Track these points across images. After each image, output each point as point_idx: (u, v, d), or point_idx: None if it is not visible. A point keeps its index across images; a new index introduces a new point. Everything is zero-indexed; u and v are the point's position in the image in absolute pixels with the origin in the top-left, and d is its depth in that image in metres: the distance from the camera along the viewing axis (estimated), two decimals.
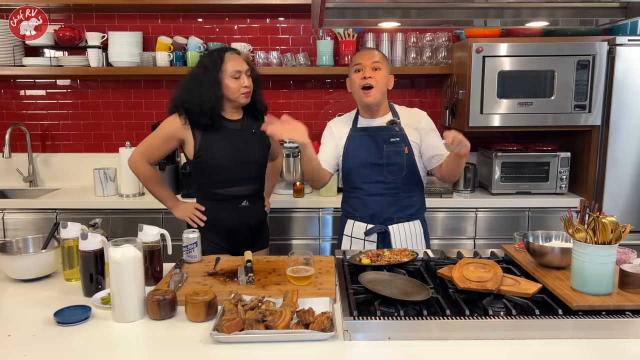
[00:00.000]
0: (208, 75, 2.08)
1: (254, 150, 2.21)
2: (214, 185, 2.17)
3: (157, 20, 3.37)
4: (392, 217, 2.12)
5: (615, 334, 1.32)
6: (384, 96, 2.12)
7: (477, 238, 2.99)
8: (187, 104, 2.10)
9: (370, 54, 2.10)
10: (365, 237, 2.13)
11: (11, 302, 1.60)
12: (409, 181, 2.13)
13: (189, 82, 2.14)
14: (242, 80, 2.09)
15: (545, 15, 1.75)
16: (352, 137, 2.15)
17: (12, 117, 3.44)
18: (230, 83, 2.09)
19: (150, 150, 2.19)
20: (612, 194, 2.90)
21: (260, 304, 1.40)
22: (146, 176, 2.22)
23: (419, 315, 1.35)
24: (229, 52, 2.12)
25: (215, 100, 2.08)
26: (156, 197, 2.29)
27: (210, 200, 2.20)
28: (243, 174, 2.18)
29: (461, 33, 3.22)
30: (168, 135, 2.15)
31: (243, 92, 2.10)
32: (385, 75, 2.10)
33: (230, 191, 2.17)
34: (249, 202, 2.22)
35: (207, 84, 2.08)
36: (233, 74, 2.08)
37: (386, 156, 2.09)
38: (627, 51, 2.81)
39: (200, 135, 2.12)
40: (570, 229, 1.46)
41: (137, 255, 1.46)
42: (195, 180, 2.24)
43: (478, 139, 3.43)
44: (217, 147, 2.13)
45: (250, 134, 2.21)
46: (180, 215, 2.23)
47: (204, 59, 2.15)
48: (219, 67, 2.08)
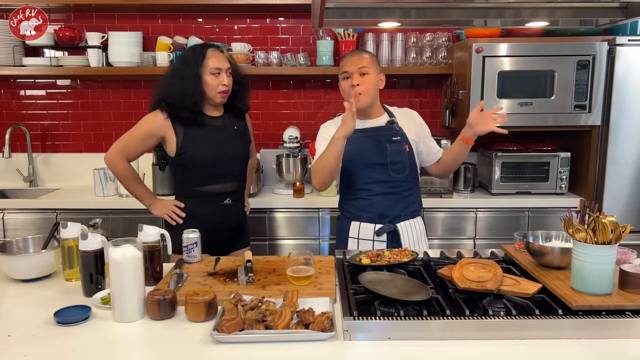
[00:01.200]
0: (189, 70, 2.07)
1: (237, 146, 2.21)
2: (195, 182, 2.15)
3: (157, 20, 3.37)
4: (399, 215, 2.13)
5: (615, 334, 1.32)
6: (375, 98, 2.12)
7: (477, 238, 2.99)
8: (168, 99, 2.08)
9: (357, 59, 2.07)
10: (376, 237, 2.13)
11: (11, 302, 1.60)
12: (410, 178, 2.15)
13: (170, 77, 2.12)
14: (221, 78, 2.08)
15: (545, 15, 1.75)
16: (353, 139, 2.13)
17: (12, 117, 3.45)
18: (209, 79, 2.07)
19: (128, 147, 2.15)
20: (612, 194, 2.90)
21: (260, 304, 1.40)
22: (124, 174, 2.18)
23: (419, 315, 1.35)
24: (211, 49, 2.10)
25: (198, 95, 2.07)
26: (134, 196, 2.25)
27: (192, 197, 2.17)
28: (226, 171, 2.17)
29: (461, 33, 3.22)
30: (148, 132, 2.12)
31: (220, 90, 2.08)
32: (374, 78, 2.08)
33: (212, 188, 2.15)
34: (232, 199, 2.20)
35: (189, 79, 2.06)
36: (212, 70, 2.06)
37: (390, 155, 2.10)
38: (627, 51, 2.81)
39: (182, 132, 2.10)
40: (570, 229, 1.46)
41: (137, 255, 1.46)
42: (176, 177, 2.22)
43: (478, 139, 3.43)
44: (199, 144, 2.11)
45: (232, 130, 2.20)
46: (158, 212, 2.20)
47: (187, 54, 2.14)
48: (200, 62, 2.06)
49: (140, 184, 2.25)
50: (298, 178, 3.08)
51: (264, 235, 2.98)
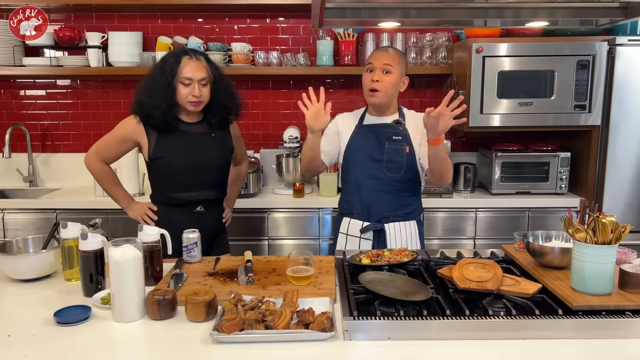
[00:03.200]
0: (163, 77, 2.01)
1: (213, 154, 2.14)
2: (168, 189, 2.12)
3: (157, 20, 3.37)
4: (388, 215, 2.13)
5: (615, 334, 1.32)
6: (392, 98, 2.12)
7: (477, 238, 2.99)
8: (140, 104, 2.04)
9: (383, 55, 2.08)
10: (361, 234, 2.13)
11: (11, 302, 1.60)
12: (407, 180, 2.14)
13: (145, 80, 2.08)
14: (192, 89, 2.00)
15: (545, 15, 1.75)
16: (356, 133, 2.17)
17: (12, 117, 3.45)
18: (179, 88, 2.01)
19: (105, 149, 2.13)
20: (612, 194, 2.90)
21: (260, 304, 1.40)
22: (101, 175, 2.17)
23: (419, 315, 1.35)
24: (186, 57, 2.02)
25: (166, 104, 2.01)
26: (111, 197, 2.23)
27: (165, 203, 2.15)
28: (199, 180, 2.11)
29: (461, 33, 3.22)
30: (123, 137, 2.10)
31: (190, 99, 2.02)
32: (396, 78, 2.07)
33: (184, 196, 2.11)
34: (205, 208, 2.15)
35: (159, 87, 2.01)
36: (183, 80, 2.00)
37: (387, 153, 2.10)
38: (627, 51, 2.81)
39: (155, 138, 2.06)
40: (570, 229, 1.46)
41: (137, 255, 1.46)
42: (151, 182, 2.19)
43: (478, 139, 3.44)
44: (172, 151, 2.06)
45: (210, 138, 2.14)
46: (133, 215, 2.18)
47: (165, 57, 2.07)
48: (175, 69, 2.00)
49: (117, 185, 2.21)
50: (298, 178, 3.08)
51: (264, 235, 2.98)
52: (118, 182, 2.23)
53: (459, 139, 3.49)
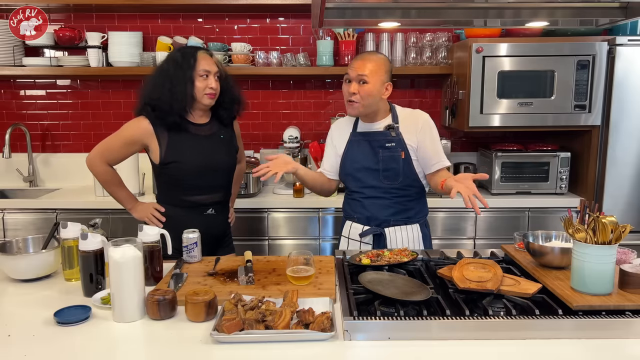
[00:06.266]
0: (180, 72, 2.00)
1: (224, 157, 2.14)
2: (179, 192, 2.10)
3: (157, 20, 3.37)
4: (388, 220, 2.10)
5: (615, 334, 1.32)
6: (372, 106, 2.04)
7: (477, 238, 2.99)
8: (154, 102, 2.01)
9: (359, 64, 2.00)
10: (361, 238, 2.12)
11: (11, 302, 1.60)
12: (406, 185, 2.09)
13: (157, 78, 2.05)
14: (209, 81, 2.02)
15: (545, 15, 1.75)
16: (351, 142, 2.13)
17: (12, 117, 3.45)
18: (197, 82, 2.01)
19: (109, 151, 2.09)
20: (612, 194, 2.90)
21: (260, 304, 1.40)
22: (104, 177, 2.12)
23: (419, 315, 1.35)
24: (201, 51, 2.05)
25: (189, 98, 2.01)
26: (115, 199, 2.19)
27: (175, 205, 2.12)
28: (212, 182, 2.11)
29: (461, 33, 3.22)
30: (131, 139, 2.06)
31: (207, 92, 2.02)
32: (372, 87, 1.99)
33: (195, 199, 2.10)
34: (215, 210, 2.15)
35: (179, 81, 2.00)
36: (200, 72, 2.00)
37: (382, 161, 2.06)
38: (627, 51, 2.81)
39: (166, 141, 2.03)
40: (570, 229, 1.46)
41: (137, 255, 1.46)
42: (159, 183, 2.17)
43: (478, 139, 3.44)
44: (186, 155, 2.04)
45: (218, 139, 2.14)
46: (138, 216, 2.15)
47: (175, 55, 2.07)
48: (193, 65, 2.01)
49: (121, 187, 2.18)
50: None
51: (264, 235, 2.98)
52: (122, 184, 2.19)
53: (459, 139, 3.48)
